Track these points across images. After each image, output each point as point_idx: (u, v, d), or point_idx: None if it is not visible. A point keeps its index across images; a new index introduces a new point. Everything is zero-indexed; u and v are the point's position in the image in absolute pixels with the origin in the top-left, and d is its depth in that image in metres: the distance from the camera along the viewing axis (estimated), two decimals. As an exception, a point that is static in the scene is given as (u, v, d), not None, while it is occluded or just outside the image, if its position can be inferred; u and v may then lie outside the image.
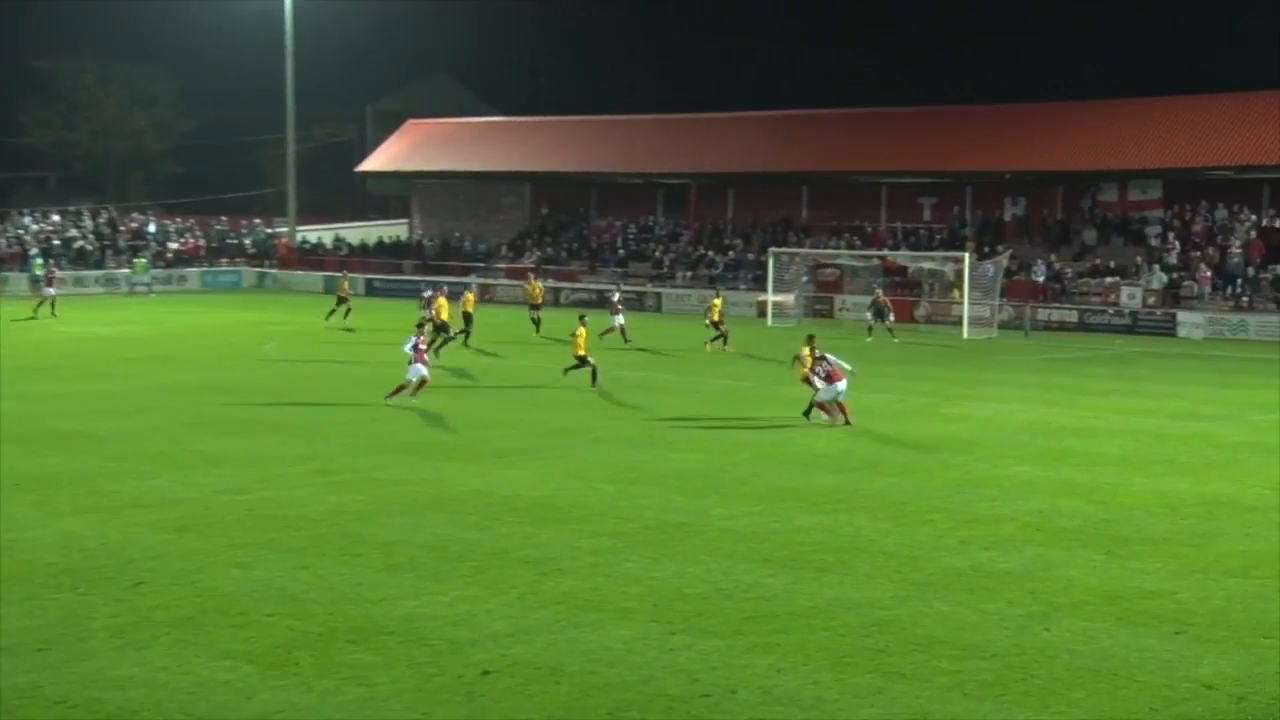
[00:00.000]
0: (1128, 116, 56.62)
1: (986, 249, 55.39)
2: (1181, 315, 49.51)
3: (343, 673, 12.41)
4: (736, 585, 15.26)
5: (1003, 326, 49.74)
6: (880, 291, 49.22)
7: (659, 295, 59.36)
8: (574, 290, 61.80)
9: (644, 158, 68.05)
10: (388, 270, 71.12)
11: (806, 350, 27.38)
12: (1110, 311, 51.25)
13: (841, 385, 26.39)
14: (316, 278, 71.03)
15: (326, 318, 48.05)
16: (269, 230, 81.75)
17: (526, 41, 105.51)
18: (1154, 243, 54.33)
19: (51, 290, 51.50)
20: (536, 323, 45.83)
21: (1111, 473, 22.08)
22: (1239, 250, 52.07)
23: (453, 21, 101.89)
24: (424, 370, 28.85)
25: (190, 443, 24.11)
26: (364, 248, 76.10)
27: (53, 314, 50.05)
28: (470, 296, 44.37)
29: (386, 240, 76.64)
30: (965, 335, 48.14)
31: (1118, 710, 11.66)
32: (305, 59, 77.19)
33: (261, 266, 75.08)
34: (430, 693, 11.97)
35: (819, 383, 26.47)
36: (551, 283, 60.91)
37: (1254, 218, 53.85)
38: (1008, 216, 60.34)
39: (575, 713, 11.56)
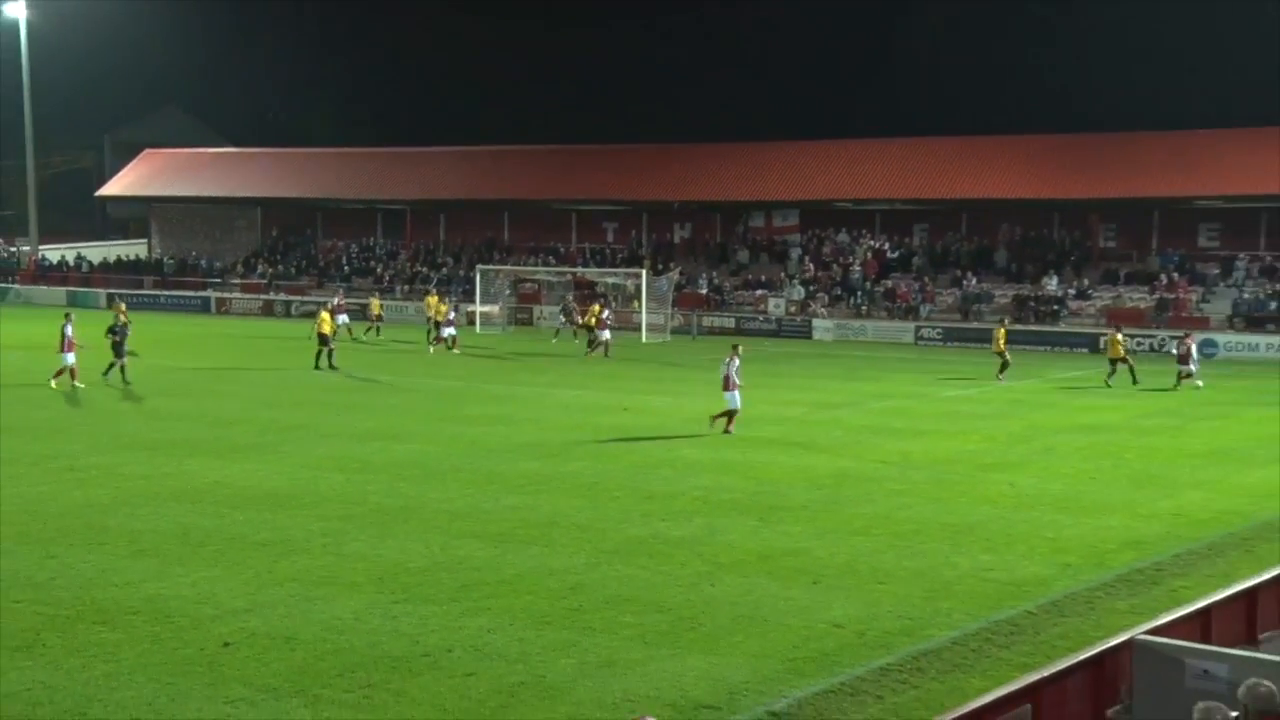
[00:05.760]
0: (772, 157, 59.30)
1: (660, 266, 56.82)
2: (816, 322, 52.16)
3: (90, 651, 11.72)
4: (452, 558, 15.19)
5: (675, 331, 51.10)
6: (570, 297, 49.93)
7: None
8: (303, 303, 60.15)
9: (365, 185, 66.69)
10: (129, 285, 67.34)
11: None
12: (760, 318, 53.42)
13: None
14: (60, 292, 66.95)
15: (364, 333, 45.42)
16: (11, 249, 76.15)
17: (254, 78, 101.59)
18: (793, 261, 57.06)
19: (344, 318, 43.68)
20: (451, 342, 42.07)
21: (763, 453, 22.95)
22: (858, 268, 55.31)
23: (182, 57, 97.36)
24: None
25: (-65, 446, 22.17)
26: (105, 265, 71.79)
27: (376, 334, 43.37)
28: (431, 300, 42.23)
29: (126, 259, 72.33)
30: (644, 339, 49.19)
31: (768, 649, 12.16)
32: (41, 89, 72.00)
33: (5, 282, 69.82)
34: (175, 665, 11.45)
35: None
36: (283, 296, 58.90)
37: (872, 242, 57.28)
38: (677, 239, 62.05)
39: (309, 676, 11.27)
